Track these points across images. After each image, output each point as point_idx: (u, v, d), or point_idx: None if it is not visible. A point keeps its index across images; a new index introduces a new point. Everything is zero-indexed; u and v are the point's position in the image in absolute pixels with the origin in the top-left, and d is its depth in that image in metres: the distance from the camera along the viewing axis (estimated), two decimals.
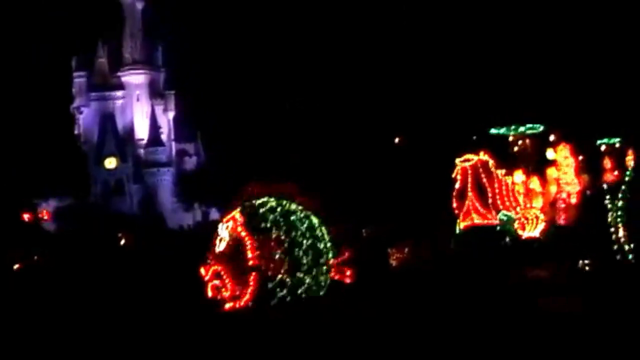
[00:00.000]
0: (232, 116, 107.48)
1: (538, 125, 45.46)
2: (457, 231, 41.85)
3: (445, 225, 42.05)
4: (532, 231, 41.66)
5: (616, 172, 45.96)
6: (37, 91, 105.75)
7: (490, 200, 41.59)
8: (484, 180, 41.59)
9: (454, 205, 42.09)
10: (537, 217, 41.99)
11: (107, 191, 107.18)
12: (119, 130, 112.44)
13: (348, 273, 24.33)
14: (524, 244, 40.32)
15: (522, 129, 45.29)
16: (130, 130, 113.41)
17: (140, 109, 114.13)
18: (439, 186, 45.45)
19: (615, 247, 31.58)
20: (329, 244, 23.99)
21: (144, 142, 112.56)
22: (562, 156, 44.83)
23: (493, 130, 45.36)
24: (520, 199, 42.61)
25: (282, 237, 22.93)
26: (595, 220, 35.27)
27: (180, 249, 40.89)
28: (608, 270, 30.76)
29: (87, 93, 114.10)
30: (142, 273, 35.52)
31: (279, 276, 22.65)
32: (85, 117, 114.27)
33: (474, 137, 44.08)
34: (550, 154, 45.17)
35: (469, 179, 41.66)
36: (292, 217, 23.48)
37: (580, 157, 45.61)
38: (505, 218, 41.33)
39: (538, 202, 43.95)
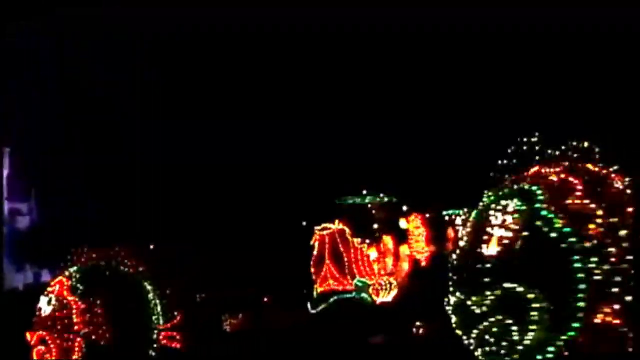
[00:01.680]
0: (67, 175, 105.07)
1: (390, 197, 46.82)
2: (315, 296, 43.25)
3: (300, 289, 43.59)
4: (386, 297, 43.39)
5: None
6: None
7: (346, 267, 43.03)
8: (341, 248, 43.00)
9: (312, 270, 43.43)
10: (390, 284, 43.70)
11: None
12: None
13: (178, 338, 24.53)
14: (378, 309, 42.28)
15: (374, 199, 46.35)
16: None
17: None
18: (292, 253, 46.66)
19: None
20: (159, 308, 24.10)
21: None
22: (414, 226, 46.29)
23: (349, 200, 46.70)
24: (375, 266, 43.80)
25: (110, 302, 23.22)
26: (434, 286, 36.02)
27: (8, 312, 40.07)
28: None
29: None
30: None
31: (106, 342, 22.66)
32: None
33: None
34: (402, 223, 46.52)
35: (327, 247, 43.11)
36: (121, 281, 23.93)
37: (430, 228, 47.13)
38: (360, 284, 42.81)
39: (391, 270, 45.26)
